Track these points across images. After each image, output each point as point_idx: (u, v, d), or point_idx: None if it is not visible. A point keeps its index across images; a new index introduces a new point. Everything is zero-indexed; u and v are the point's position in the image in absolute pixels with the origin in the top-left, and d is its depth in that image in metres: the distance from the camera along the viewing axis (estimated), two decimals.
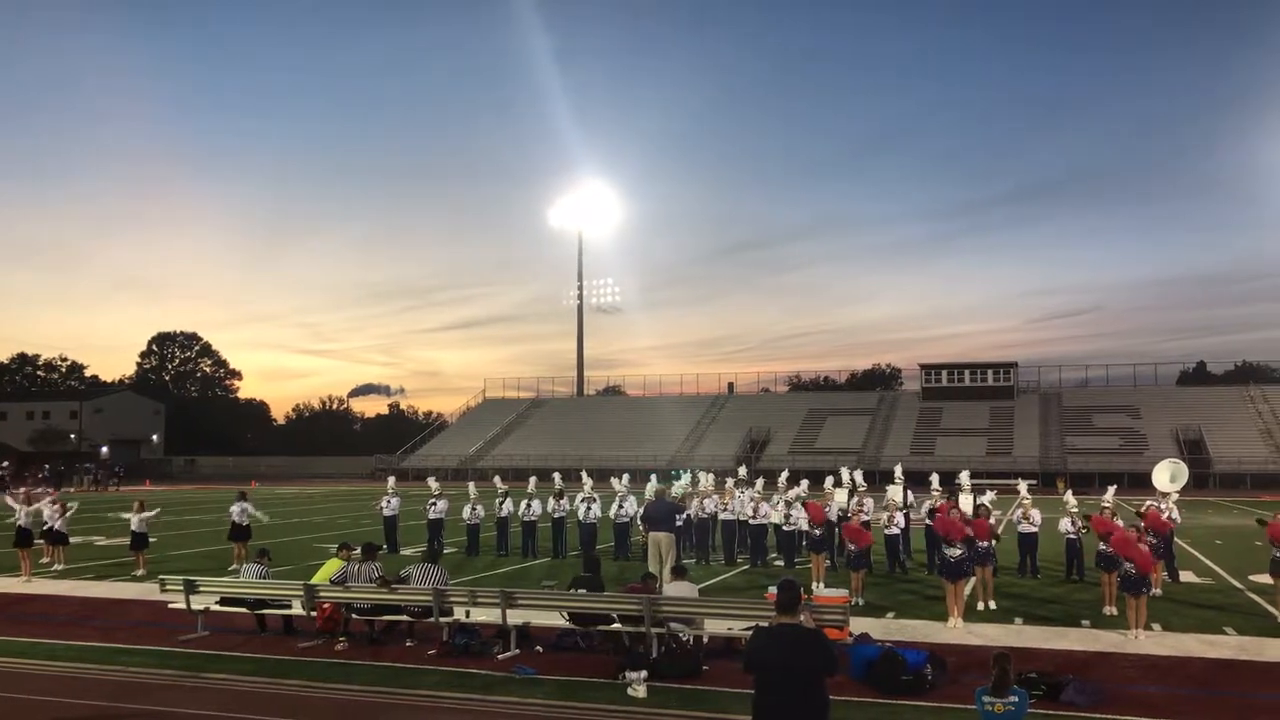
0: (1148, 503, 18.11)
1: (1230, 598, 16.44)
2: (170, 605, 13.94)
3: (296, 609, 13.27)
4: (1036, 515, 18.80)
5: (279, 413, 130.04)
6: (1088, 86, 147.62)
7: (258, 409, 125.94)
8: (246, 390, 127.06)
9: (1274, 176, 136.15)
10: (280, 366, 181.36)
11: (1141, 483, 18.88)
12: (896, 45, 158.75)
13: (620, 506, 22.15)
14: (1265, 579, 15.66)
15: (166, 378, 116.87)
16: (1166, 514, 17.59)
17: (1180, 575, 18.28)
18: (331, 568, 13.99)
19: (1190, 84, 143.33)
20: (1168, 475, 20.70)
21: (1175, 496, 19.33)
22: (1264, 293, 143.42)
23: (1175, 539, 18.82)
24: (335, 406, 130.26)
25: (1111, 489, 18.14)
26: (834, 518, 19.59)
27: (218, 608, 13.63)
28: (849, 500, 19.97)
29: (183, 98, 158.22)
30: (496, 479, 25.52)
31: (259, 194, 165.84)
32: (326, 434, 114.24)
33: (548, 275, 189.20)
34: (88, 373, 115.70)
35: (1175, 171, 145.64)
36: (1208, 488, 54.68)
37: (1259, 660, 11.79)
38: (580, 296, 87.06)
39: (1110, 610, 14.66)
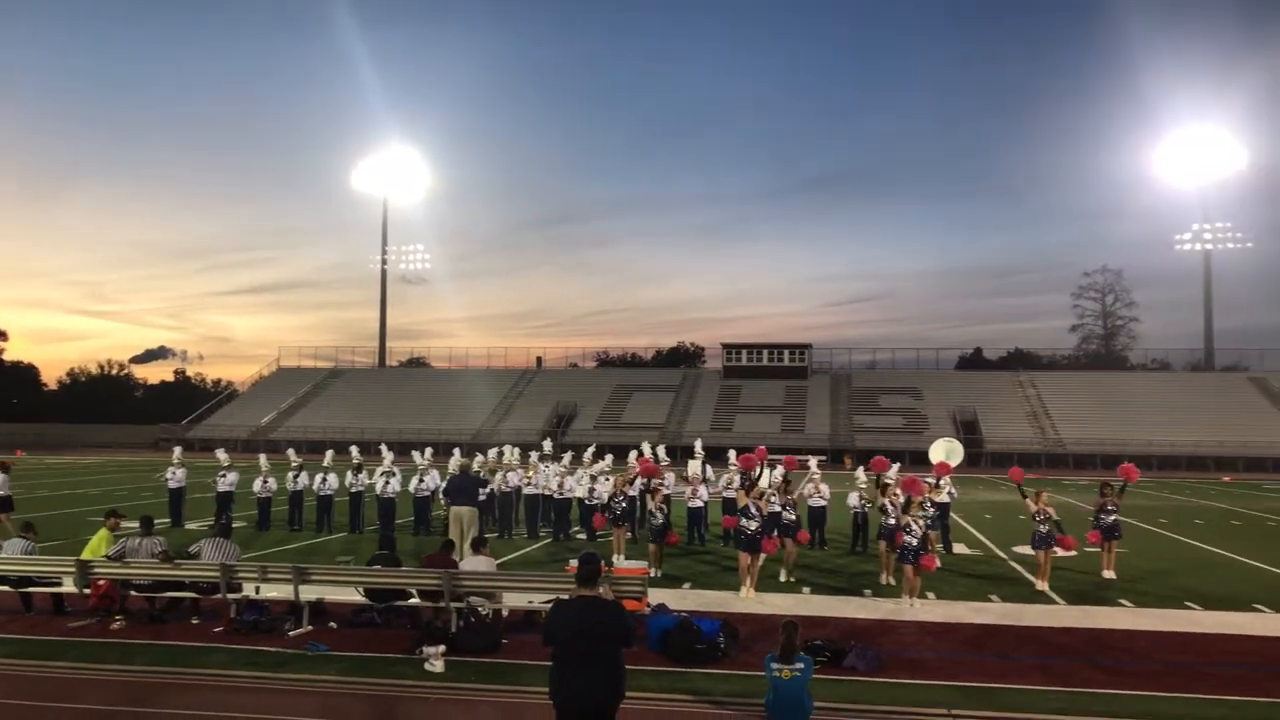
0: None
1: (996, 568, 17.72)
2: None
3: (68, 586, 12.45)
4: (826, 489, 19.72)
5: (50, 377, 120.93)
6: (885, 85, 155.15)
7: (26, 372, 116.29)
8: (13, 352, 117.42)
9: (1050, 177, 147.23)
10: (52, 327, 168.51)
11: (922, 460, 20.07)
12: (710, 30, 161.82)
13: (421, 481, 21.81)
14: (1027, 550, 16.97)
15: None
16: (945, 490, 18.75)
17: (954, 547, 19.58)
18: (100, 539, 13.21)
19: (978, 88, 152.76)
20: (943, 452, 21.93)
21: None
22: (1036, 285, 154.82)
23: (950, 513, 20.13)
24: (116, 372, 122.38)
25: (895, 466, 19.15)
26: (636, 492, 19.93)
27: None
28: None
29: None
30: (290, 451, 24.63)
31: (22, 138, 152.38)
32: (106, 401, 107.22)
33: (350, 241, 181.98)
34: None
35: (961, 169, 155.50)
36: (980, 466, 58.61)
37: (1019, 625, 12.77)
38: (384, 263, 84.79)
39: (888, 580, 15.55)
